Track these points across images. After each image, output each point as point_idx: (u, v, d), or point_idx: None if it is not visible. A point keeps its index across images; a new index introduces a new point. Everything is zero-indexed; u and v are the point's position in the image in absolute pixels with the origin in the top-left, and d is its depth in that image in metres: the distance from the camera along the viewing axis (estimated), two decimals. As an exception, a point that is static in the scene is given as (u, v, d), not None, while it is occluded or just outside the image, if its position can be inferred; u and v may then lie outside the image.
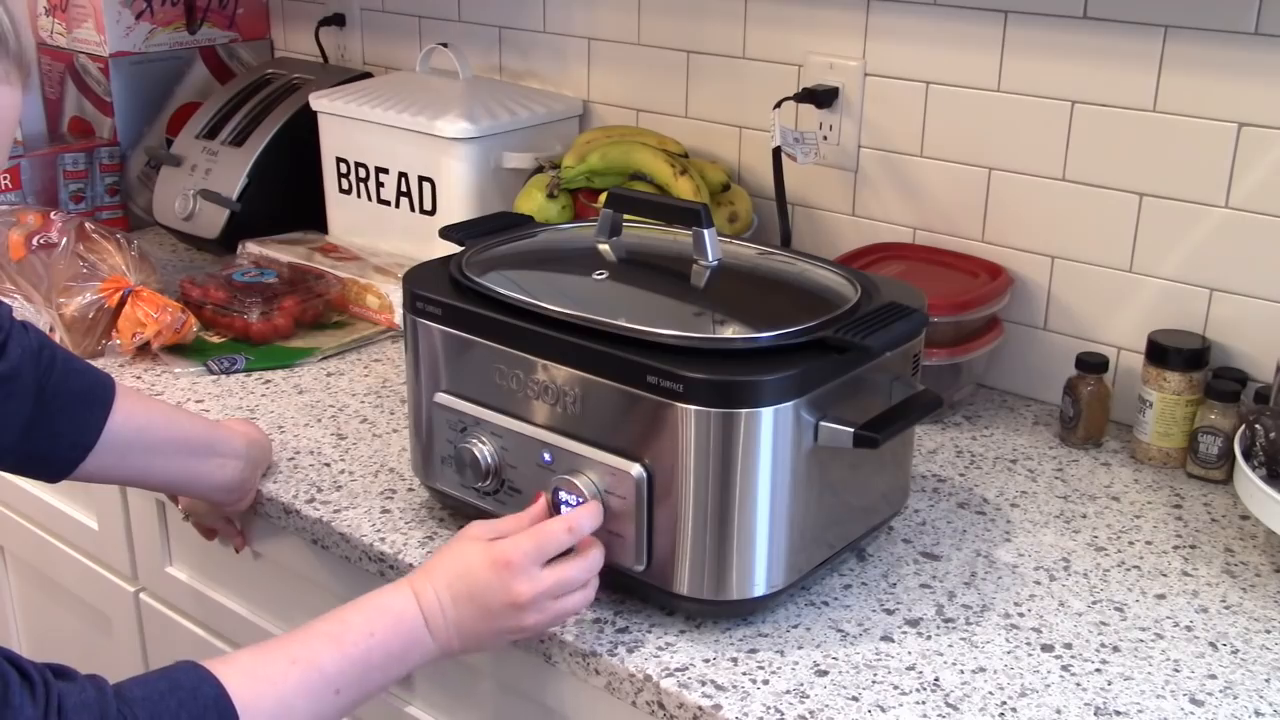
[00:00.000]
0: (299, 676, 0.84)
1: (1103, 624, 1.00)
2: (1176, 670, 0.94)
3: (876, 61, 1.43)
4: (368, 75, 1.83)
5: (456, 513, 1.11)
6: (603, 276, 1.03)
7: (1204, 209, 1.25)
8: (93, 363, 1.08)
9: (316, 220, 1.75)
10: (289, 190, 1.76)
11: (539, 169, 1.58)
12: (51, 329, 1.45)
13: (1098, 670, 0.94)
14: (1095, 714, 0.89)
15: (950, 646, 0.96)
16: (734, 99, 1.56)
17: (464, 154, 1.56)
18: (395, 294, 1.51)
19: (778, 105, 1.43)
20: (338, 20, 1.96)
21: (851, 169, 1.48)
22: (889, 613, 1.00)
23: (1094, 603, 1.02)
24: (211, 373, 1.41)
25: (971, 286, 1.34)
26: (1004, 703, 0.90)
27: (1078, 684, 0.92)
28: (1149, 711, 0.90)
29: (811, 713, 0.88)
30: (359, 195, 1.68)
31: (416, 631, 0.90)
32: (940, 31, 1.37)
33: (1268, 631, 0.99)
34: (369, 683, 0.88)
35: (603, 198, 1.12)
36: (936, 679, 0.92)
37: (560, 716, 1.03)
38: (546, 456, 0.98)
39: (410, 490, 1.17)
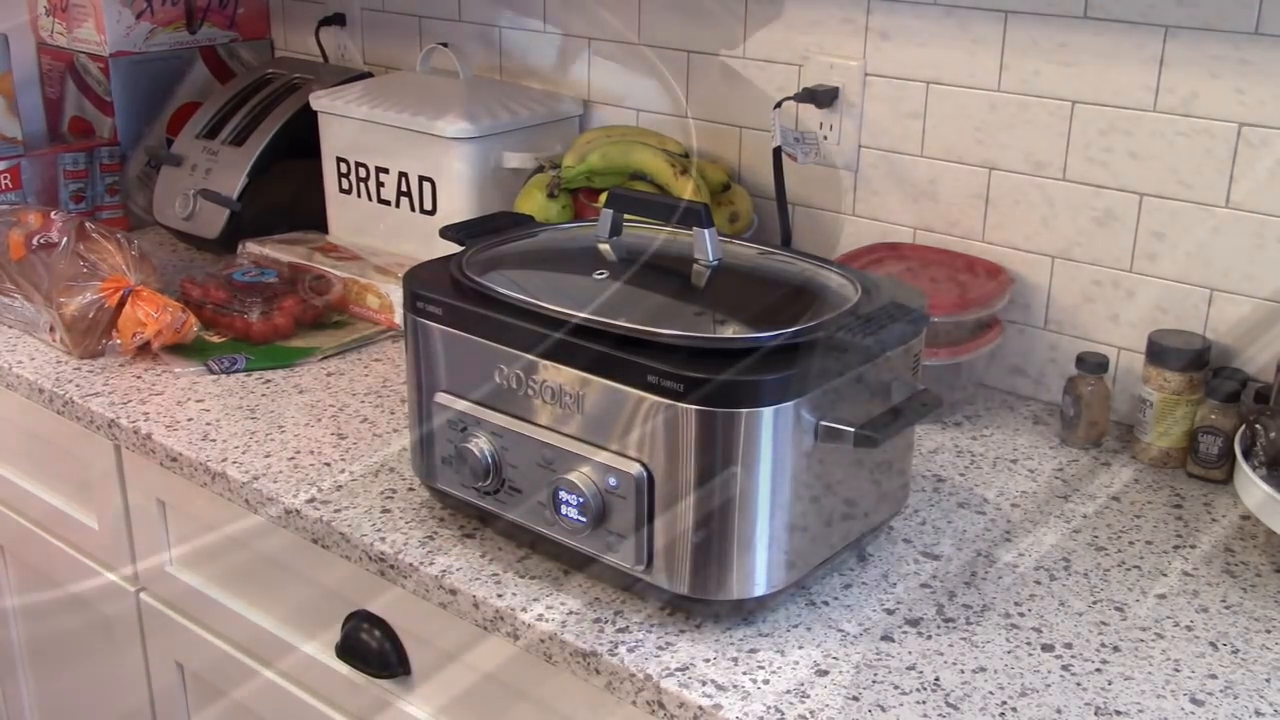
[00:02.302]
0: None
1: (1103, 624, 1.00)
2: (1177, 670, 0.94)
3: (876, 61, 1.43)
4: (368, 75, 1.83)
5: (457, 513, 1.11)
6: (603, 276, 1.03)
7: (1204, 209, 1.25)
8: (92, 362, 1.08)
9: (316, 220, 1.75)
10: (289, 190, 1.76)
11: (539, 169, 1.58)
12: (51, 329, 1.45)
13: (1098, 670, 0.94)
14: (1095, 714, 0.89)
15: (950, 646, 0.96)
16: (734, 99, 1.56)
17: (464, 154, 1.56)
18: (395, 294, 1.51)
19: (778, 105, 1.43)
20: (338, 20, 1.96)
21: (851, 169, 1.48)
22: (889, 613, 1.00)
23: (1094, 602, 1.02)
24: (212, 372, 1.41)
25: (971, 286, 1.34)
26: (1004, 702, 0.90)
27: (1078, 684, 0.92)
28: (1149, 711, 0.90)
29: (811, 713, 0.88)
30: (359, 195, 1.68)
31: None
32: (940, 31, 1.37)
33: (1268, 631, 0.99)
34: None
35: (603, 198, 1.12)
36: (937, 679, 0.92)
37: (560, 716, 1.03)
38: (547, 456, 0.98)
39: (410, 490, 1.16)
